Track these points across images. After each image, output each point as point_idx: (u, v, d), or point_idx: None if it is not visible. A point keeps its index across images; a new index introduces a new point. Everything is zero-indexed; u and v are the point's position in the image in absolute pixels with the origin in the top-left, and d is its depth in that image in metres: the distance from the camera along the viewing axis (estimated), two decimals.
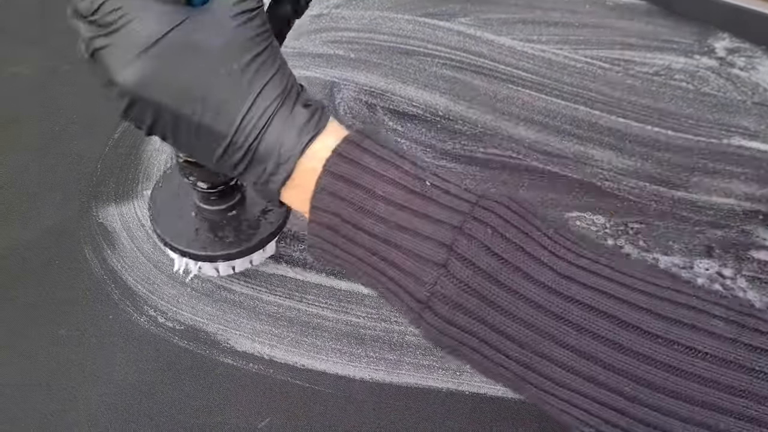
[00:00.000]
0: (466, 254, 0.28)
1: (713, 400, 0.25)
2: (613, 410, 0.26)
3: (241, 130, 0.30)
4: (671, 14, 0.76)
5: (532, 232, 0.28)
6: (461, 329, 0.28)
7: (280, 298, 0.48)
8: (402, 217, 0.29)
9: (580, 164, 0.59)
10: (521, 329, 0.27)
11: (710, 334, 0.26)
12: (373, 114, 0.63)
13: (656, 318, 0.26)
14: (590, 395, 0.27)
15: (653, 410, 0.26)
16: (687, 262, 0.51)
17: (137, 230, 0.52)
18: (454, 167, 0.58)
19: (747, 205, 0.56)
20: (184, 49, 0.29)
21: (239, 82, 0.30)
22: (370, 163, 0.30)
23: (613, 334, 0.26)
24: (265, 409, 0.42)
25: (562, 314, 0.27)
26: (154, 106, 0.30)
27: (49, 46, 0.67)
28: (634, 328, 0.26)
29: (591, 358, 0.26)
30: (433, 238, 0.28)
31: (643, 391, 0.26)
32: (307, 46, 0.70)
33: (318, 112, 0.31)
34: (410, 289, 0.29)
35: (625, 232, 0.53)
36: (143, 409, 0.42)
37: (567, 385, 0.27)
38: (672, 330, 0.26)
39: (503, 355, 0.28)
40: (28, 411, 0.41)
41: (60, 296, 0.47)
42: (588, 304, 0.26)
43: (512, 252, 0.28)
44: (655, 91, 0.66)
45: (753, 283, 0.50)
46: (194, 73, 0.29)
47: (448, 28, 0.74)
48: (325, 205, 0.30)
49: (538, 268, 0.27)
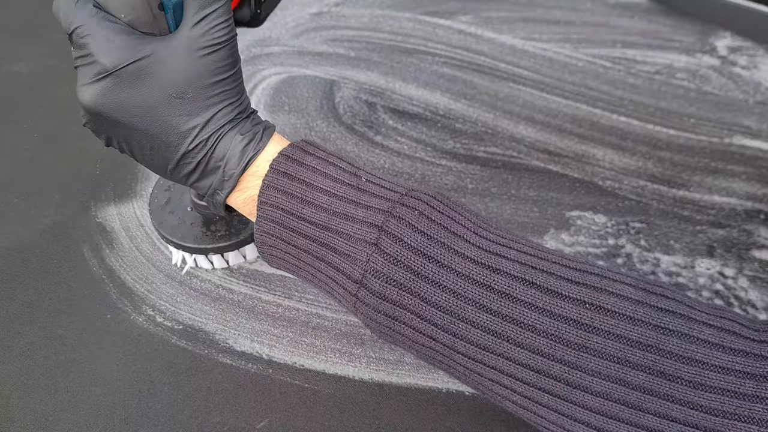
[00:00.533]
0: (395, 233, 0.30)
1: (623, 355, 0.27)
2: (533, 371, 0.28)
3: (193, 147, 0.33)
4: (673, 13, 0.76)
5: (456, 216, 0.32)
6: (394, 303, 0.30)
7: (279, 298, 0.48)
8: (339, 206, 0.32)
9: (581, 163, 0.59)
10: (449, 298, 0.29)
11: (619, 296, 0.28)
12: (373, 113, 0.62)
13: (569, 283, 0.29)
14: (513, 357, 0.29)
15: (569, 367, 0.28)
16: (688, 262, 0.51)
17: (136, 230, 0.52)
18: (455, 166, 0.58)
19: (748, 205, 0.55)
20: (139, 77, 0.32)
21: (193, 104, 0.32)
22: (312, 162, 0.33)
23: (530, 297, 0.29)
24: (264, 409, 0.42)
25: (485, 282, 0.29)
26: (108, 123, 0.33)
27: (48, 45, 0.67)
28: (549, 291, 0.29)
29: (511, 320, 0.29)
30: (365, 221, 0.31)
31: (557, 348, 0.28)
32: (307, 44, 0.70)
33: (260, 134, 0.34)
34: (346, 270, 0.31)
35: (626, 232, 0.53)
36: (141, 409, 0.41)
37: (492, 350, 0.29)
38: (583, 291, 0.28)
39: (433, 326, 0.30)
40: (27, 410, 0.41)
41: (58, 296, 0.47)
42: (508, 272, 0.29)
43: (437, 230, 0.31)
44: (657, 90, 0.66)
45: (754, 282, 0.49)
46: (147, 96, 0.32)
47: (448, 26, 0.73)
48: (270, 200, 0.33)
49: (461, 243, 0.30)
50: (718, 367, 0.26)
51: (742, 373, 0.26)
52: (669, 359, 0.27)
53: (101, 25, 0.31)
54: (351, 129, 0.61)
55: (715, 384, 0.26)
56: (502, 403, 0.31)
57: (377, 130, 0.61)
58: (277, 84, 0.65)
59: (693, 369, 0.26)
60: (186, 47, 0.31)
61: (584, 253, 0.51)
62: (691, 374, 0.26)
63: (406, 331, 0.31)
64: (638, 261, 0.51)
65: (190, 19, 0.32)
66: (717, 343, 0.27)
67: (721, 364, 0.26)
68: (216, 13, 0.32)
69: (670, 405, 0.26)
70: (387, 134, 0.60)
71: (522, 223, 0.53)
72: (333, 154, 0.34)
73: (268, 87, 0.65)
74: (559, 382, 0.28)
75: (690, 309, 0.28)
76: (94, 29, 0.31)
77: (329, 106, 0.63)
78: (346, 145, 0.59)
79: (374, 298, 0.31)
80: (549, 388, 0.28)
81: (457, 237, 0.30)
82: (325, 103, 0.63)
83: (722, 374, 0.26)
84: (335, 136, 0.60)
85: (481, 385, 0.31)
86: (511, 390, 0.30)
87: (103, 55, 0.31)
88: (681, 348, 0.27)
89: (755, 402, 0.25)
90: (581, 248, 0.52)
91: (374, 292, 0.31)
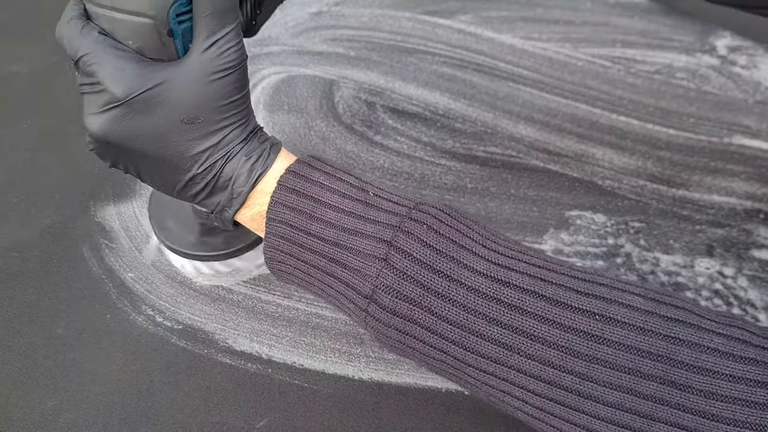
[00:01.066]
0: (405, 248, 0.30)
1: (634, 365, 0.27)
2: (544, 383, 0.28)
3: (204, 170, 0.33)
4: (672, 12, 0.76)
5: (464, 229, 0.32)
6: (405, 318, 0.30)
7: (279, 298, 0.48)
8: (347, 222, 0.32)
9: (580, 163, 0.59)
10: (459, 312, 0.29)
11: (628, 307, 0.28)
12: (373, 112, 0.62)
13: (579, 294, 0.29)
14: (524, 369, 0.29)
15: (580, 378, 0.28)
16: (688, 261, 0.51)
17: (135, 229, 0.52)
18: (454, 165, 0.58)
19: (748, 204, 0.55)
20: (150, 105, 0.31)
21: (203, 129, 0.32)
22: (319, 178, 0.33)
23: (539, 310, 0.29)
24: (264, 408, 0.42)
25: (495, 296, 0.29)
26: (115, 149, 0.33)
27: (48, 45, 0.67)
28: (558, 303, 0.28)
29: (522, 333, 0.28)
30: (374, 236, 0.31)
31: (568, 360, 0.28)
32: (307, 43, 0.70)
33: (267, 150, 0.34)
34: (356, 285, 0.31)
35: (625, 231, 0.53)
36: (141, 409, 0.41)
37: (503, 362, 0.29)
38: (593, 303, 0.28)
39: (444, 340, 0.30)
40: (26, 410, 0.41)
41: (58, 295, 0.47)
42: (517, 285, 0.29)
43: (447, 244, 0.30)
44: (656, 90, 0.66)
45: (754, 282, 0.49)
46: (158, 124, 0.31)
47: (448, 26, 0.73)
48: (278, 216, 0.33)
49: (470, 257, 0.30)
50: (729, 376, 0.26)
51: (753, 381, 0.26)
52: (680, 369, 0.27)
53: (110, 53, 0.30)
54: (350, 128, 0.61)
55: (727, 393, 0.26)
56: (514, 413, 0.31)
57: (377, 129, 0.61)
58: (277, 83, 0.65)
59: (704, 378, 0.26)
60: (197, 73, 0.31)
61: (584, 252, 0.51)
62: (702, 383, 0.26)
63: (417, 345, 0.31)
64: (637, 260, 0.51)
65: (200, 44, 0.31)
66: (728, 352, 0.27)
67: (732, 372, 0.26)
68: (227, 37, 0.31)
69: (681, 414, 0.26)
70: (386, 134, 0.60)
71: (521, 222, 0.53)
72: (340, 169, 0.34)
73: (267, 86, 0.65)
74: (570, 393, 0.28)
75: (700, 318, 0.28)
76: (103, 57, 0.30)
77: (329, 106, 0.63)
78: (346, 145, 0.59)
79: (384, 313, 0.31)
80: (561, 399, 0.28)
81: (465, 250, 0.30)
82: (324, 103, 0.63)
83: (733, 383, 0.26)
84: (334, 136, 0.60)
85: (492, 397, 0.31)
86: (522, 401, 0.30)
87: (113, 84, 0.30)
88: (692, 357, 0.27)
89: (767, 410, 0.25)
90: (580, 248, 0.52)
91: (384, 307, 0.30)
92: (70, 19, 0.32)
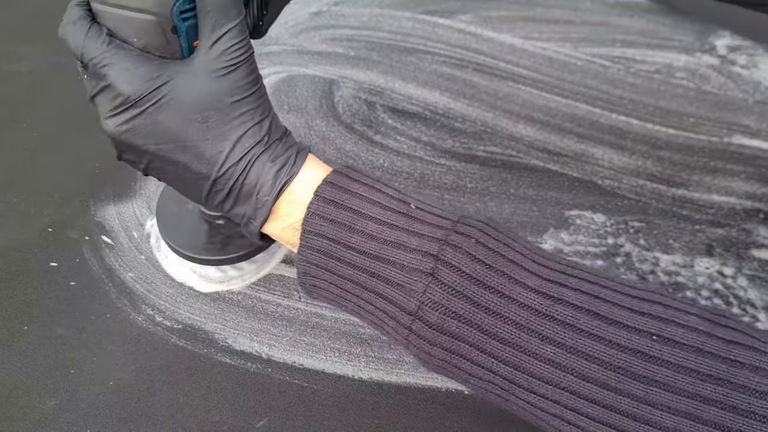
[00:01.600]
0: (453, 261, 0.29)
1: (694, 389, 0.26)
2: (600, 406, 0.27)
3: (224, 172, 0.32)
4: (672, 12, 0.76)
5: (511, 243, 0.30)
6: (452, 336, 0.29)
7: (279, 297, 0.48)
8: (390, 234, 0.30)
9: (580, 162, 0.59)
10: (510, 329, 0.28)
11: (686, 327, 0.27)
12: (373, 112, 0.62)
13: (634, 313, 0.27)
14: (578, 392, 0.27)
15: (638, 401, 0.26)
16: (687, 261, 0.51)
17: (135, 229, 0.52)
18: (454, 165, 0.58)
19: (748, 204, 0.55)
20: (161, 103, 0.31)
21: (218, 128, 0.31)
22: (359, 189, 0.32)
23: (594, 329, 0.27)
24: (263, 408, 0.42)
25: (548, 313, 0.28)
26: (138, 153, 0.32)
27: (48, 45, 0.67)
28: (614, 322, 0.27)
29: (577, 353, 0.27)
30: (420, 249, 0.30)
31: (626, 382, 0.27)
32: (307, 43, 0.70)
33: (293, 157, 0.33)
34: (400, 302, 0.30)
35: (625, 231, 0.53)
36: (141, 408, 0.41)
37: (556, 383, 0.28)
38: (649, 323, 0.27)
39: (493, 359, 0.29)
40: (26, 409, 0.41)
41: (58, 295, 0.47)
42: (570, 302, 0.28)
43: (496, 258, 0.29)
44: (656, 89, 0.66)
45: (753, 282, 0.49)
46: (171, 122, 0.31)
47: (448, 25, 0.73)
48: (315, 228, 0.31)
49: (521, 272, 0.29)
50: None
51: None
52: (742, 393, 0.25)
53: (117, 54, 0.30)
54: (350, 128, 0.61)
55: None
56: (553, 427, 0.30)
57: (376, 129, 0.61)
58: (277, 83, 0.65)
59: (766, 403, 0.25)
60: (204, 69, 0.31)
61: (583, 252, 0.51)
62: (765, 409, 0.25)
63: (464, 364, 0.30)
64: (637, 260, 0.51)
65: (205, 40, 0.31)
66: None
67: None
68: (231, 32, 0.31)
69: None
70: (386, 133, 0.60)
71: (521, 222, 0.53)
72: (379, 180, 0.33)
73: (267, 86, 0.64)
74: (627, 417, 0.27)
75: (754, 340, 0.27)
76: (111, 59, 0.30)
77: (328, 105, 0.63)
78: (346, 145, 0.59)
79: (431, 331, 0.29)
80: (616, 423, 0.27)
81: (516, 265, 0.29)
82: (324, 102, 0.63)
83: None
84: (334, 136, 0.60)
85: (541, 420, 0.30)
86: (574, 426, 0.28)
87: (123, 85, 0.30)
88: (753, 382, 0.26)
89: None
90: (580, 247, 0.52)
91: (431, 324, 0.29)
92: (75, 20, 0.31)
